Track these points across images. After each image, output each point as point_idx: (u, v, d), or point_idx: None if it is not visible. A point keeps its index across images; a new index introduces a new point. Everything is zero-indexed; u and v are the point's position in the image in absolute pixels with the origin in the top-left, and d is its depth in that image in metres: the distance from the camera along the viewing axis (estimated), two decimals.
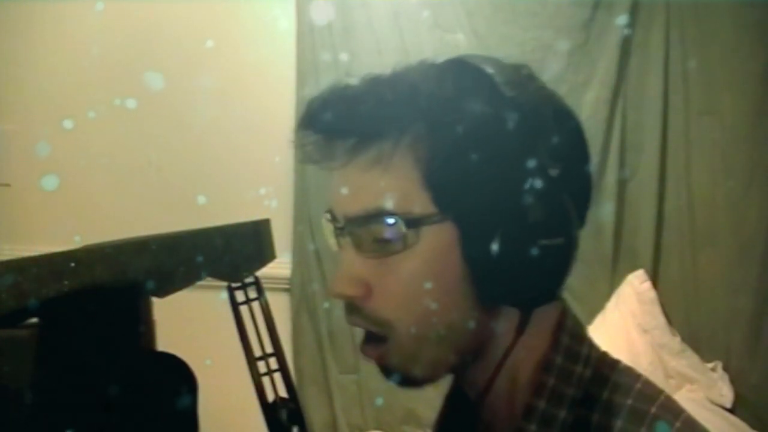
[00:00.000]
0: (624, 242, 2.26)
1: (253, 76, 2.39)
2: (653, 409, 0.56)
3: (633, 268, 2.22)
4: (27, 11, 2.50)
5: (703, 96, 2.14)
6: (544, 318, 0.60)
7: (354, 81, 0.58)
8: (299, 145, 0.59)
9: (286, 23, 2.39)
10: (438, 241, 0.55)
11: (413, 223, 0.55)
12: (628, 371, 0.61)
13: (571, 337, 0.60)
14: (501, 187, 0.53)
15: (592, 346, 0.62)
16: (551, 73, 2.21)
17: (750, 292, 2.08)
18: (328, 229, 0.61)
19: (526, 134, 0.54)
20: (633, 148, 2.24)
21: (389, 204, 0.55)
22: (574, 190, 0.57)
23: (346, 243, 0.59)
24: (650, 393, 0.59)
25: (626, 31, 2.19)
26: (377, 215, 0.56)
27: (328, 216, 0.61)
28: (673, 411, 0.57)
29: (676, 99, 2.17)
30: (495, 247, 0.53)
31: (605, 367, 0.61)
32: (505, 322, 0.58)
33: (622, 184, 2.25)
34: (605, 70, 2.21)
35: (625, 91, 2.23)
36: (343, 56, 2.32)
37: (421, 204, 0.55)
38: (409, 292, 0.56)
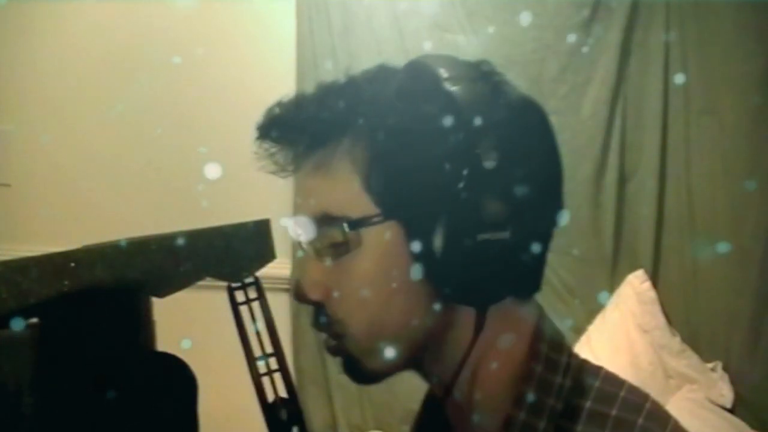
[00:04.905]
0: (624, 242, 2.26)
1: (253, 76, 2.39)
2: (640, 420, 0.56)
3: (633, 268, 2.22)
4: (27, 11, 2.50)
5: (703, 96, 2.14)
6: (518, 324, 0.60)
7: (309, 89, 0.60)
8: (257, 156, 0.61)
9: (286, 23, 2.39)
10: (383, 240, 0.56)
11: (355, 224, 0.56)
12: (612, 379, 0.60)
13: (550, 347, 0.59)
14: (439, 183, 0.53)
15: (571, 354, 0.61)
16: (551, 73, 2.21)
17: (750, 293, 2.08)
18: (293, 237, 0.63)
19: (465, 129, 0.53)
20: (633, 148, 2.24)
21: (331, 207, 0.57)
22: (533, 184, 0.55)
23: (308, 248, 0.60)
24: (636, 401, 0.58)
25: (626, 31, 2.19)
26: (322, 219, 0.57)
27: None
28: (660, 420, 0.57)
29: (676, 99, 2.17)
30: (438, 243, 0.54)
31: (587, 375, 0.60)
32: (464, 320, 0.58)
33: (622, 184, 2.25)
34: (605, 70, 2.21)
35: (625, 91, 2.23)
36: (343, 56, 2.32)
37: (362, 205, 0.56)
38: (362, 291, 0.57)
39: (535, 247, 0.56)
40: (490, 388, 0.59)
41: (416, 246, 0.55)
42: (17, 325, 0.51)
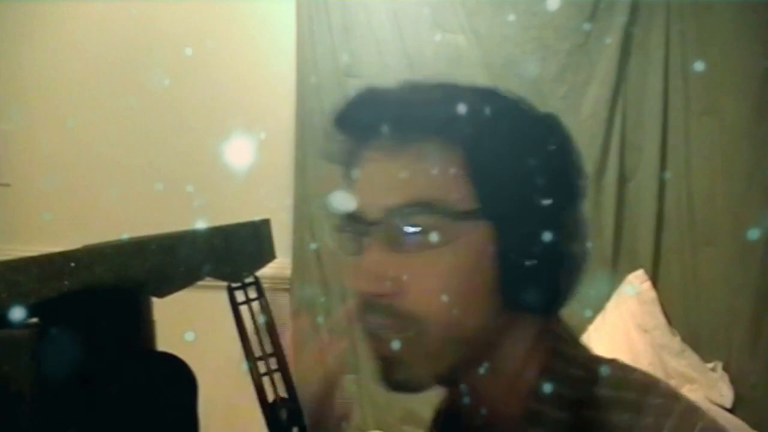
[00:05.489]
0: (624, 242, 2.26)
1: (253, 76, 2.39)
2: (649, 399, 0.57)
3: (633, 268, 2.22)
4: (27, 11, 2.50)
5: (703, 96, 2.14)
6: (536, 322, 0.60)
7: (387, 85, 0.59)
8: (334, 145, 0.60)
9: (286, 23, 2.39)
10: (476, 238, 0.55)
11: (455, 216, 0.55)
12: (624, 367, 0.61)
13: (565, 342, 0.61)
14: (537, 193, 0.55)
15: (584, 348, 0.63)
16: (551, 73, 2.21)
17: (750, 292, 2.08)
18: (345, 236, 0.60)
19: (560, 149, 0.58)
20: (633, 148, 2.24)
21: (433, 195, 0.55)
22: (582, 204, 0.59)
23: (373, 241, 0.57)
24: (646, 382, 0.59)
25: (626, 31, 2.19)
26: (420, 206, 0.55)
27: (346, 223, 0.59)
28: (670, 395, 0.58)
29: (676, 99, 2.17)
30: (529, 251, 0.55)
31: (600, 366, 0.61)
32: (521, 329, 0.59)
33: (622, 184, 2.25)
34: (605, 70, 2.21)
35: (625, 91, 2.23)
36: (343, 56, 2.32)
37: (464, 199, 0.55)
38: (444, 288, 0.55)
39: (587, 261, 0.59)
40: (516, 388, 0.60)
41: (506, 249, 0.55)
42: (17, 323, 0.51)
